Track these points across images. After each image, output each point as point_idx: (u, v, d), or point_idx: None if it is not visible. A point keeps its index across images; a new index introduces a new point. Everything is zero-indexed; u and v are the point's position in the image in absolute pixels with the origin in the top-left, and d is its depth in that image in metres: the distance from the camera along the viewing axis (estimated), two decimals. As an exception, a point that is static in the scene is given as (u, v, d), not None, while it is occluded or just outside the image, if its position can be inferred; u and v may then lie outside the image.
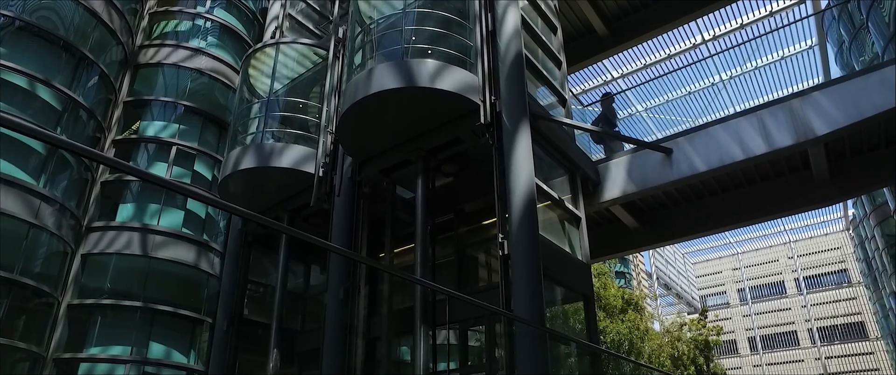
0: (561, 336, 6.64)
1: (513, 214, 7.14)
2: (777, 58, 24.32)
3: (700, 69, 23.56)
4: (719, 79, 25.46)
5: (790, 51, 23.50)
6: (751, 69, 24.40)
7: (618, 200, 9.59)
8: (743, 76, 24.12)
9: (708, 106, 24.48)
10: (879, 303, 38.13)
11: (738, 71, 24.94)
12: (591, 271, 8.39)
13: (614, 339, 14.35)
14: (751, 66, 24.38)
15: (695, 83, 24.61)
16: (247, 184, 10.58)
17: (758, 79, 23.90)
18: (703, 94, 24.54)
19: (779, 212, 10.39)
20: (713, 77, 25.98)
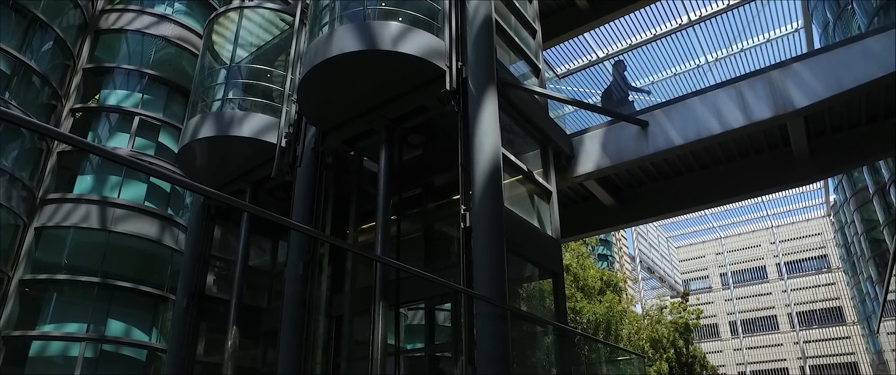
0: (523, 315, 6.33)
1: (476, 185, 6.77)
2: (763, 40, 24.06)
3: (686, 50, 23.23)
4: (705, 60, 25.18)
5: (776, 33, 23.23)
6: (736, 51, 24.13)
7: (592, 175, 9.25)
8: (728, 58, 23.85)
9: (693, 87, 24.23)
10: (857, 288, 38.54)
11: (724, 53, 24.65)
12: (561, 248, 8.07)
13: (591, 320, 14.14)
14: (736, 49, 24.10)
15: (680, 64, 24.30)
16: (208, 155, 10.10)
17: (743, 60, 23.64)
18: (689, 76, 24.25)
19: (758, 190, 10.12)
20: (699, 58, 25.68)
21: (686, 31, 22.27)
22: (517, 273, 8.11)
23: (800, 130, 8.94)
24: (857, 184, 27.73)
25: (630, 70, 24.41)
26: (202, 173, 10.77)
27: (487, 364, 5.89)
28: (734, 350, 60.47)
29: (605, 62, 22.94)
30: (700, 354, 30.23)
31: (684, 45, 22.55)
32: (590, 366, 9.13)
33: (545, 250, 7.84)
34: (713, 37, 23.71)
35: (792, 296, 59.10)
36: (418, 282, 8.33)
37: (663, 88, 24.74)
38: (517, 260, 7.83)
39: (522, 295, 9.36)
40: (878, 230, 26.22)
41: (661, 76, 24.76)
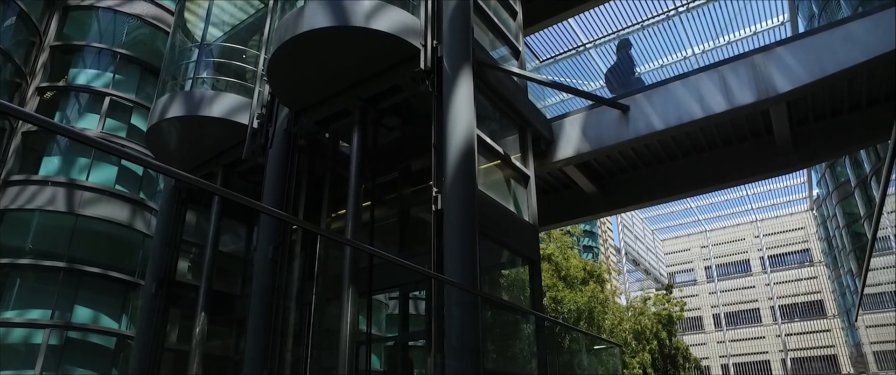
0: (494, 301, 6.12)
1: (448, 166, 6.54)
2: (749, 33, 24.04)
3: (672, 42, 23.10)
4: (692, 52, 25.12)
5: (763, 26, 23.20)
6: (723, 44, 24.08)
7: (571, 160, 9.05)
8: (715, 50, 23.79)
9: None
10: (837, 282, 38.93)
11: (711, 45, 24.60)
12: (538, 234, 7.87)
13: (571, 309, 14.00)
14: (723, 41, 24.05)
15: (666, 56, 24.19)
16: (178, 136, 9.77)
17: (730, 53, 23.58)
18: (676, 68, 24.14)
19: (741, 179, 9.99)
20: (685, 50, 25.62)
21: (672, 22, 22.14)
22: (492, 259, 7.92)
23: (782, 117, 8.81)
24: (839, 179, 27.88)
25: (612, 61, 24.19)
26: (174, 155, 10.45)
27: (456, 352, 5.69)
28: (718, 342, 61.07)
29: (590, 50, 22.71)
30: (683, 346, 30.36)
31: (670, 36, 22.40)
32: (569, 356, 8.98)
33: (521, 236, 7.63)
34: (699, 28, 23.60)
35: (775, 290, 59.71)
36: (392, 269, 8.11)
37: (649, 80, 24.56)
38: (492, 246, 7.63)
39: (503, 283, 9.17)
40: (859, 223, 26.40)
41: (647, 68, 24.65)
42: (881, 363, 34.63)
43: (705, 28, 22.00)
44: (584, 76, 20.45)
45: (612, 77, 11.71)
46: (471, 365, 5.64)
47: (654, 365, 26.41)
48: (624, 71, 11.58)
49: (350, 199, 7.61)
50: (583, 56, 24.29)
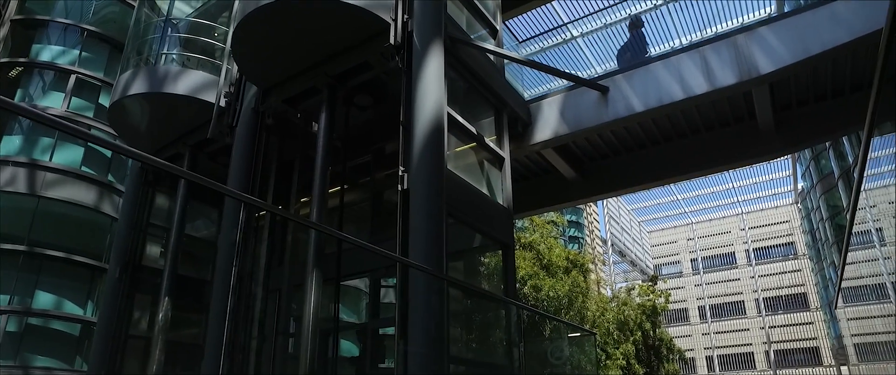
0: (460, 285, 5.87)
1: (415, 143, 6.25)
2: (738, 24, 23.91)
3: (659, 33, 22.87)
4: (680, 43, 24.95)
5: (750, 18, 23.05)
6: (711, 36, 23.95)
7: (549, 143, 8.79)
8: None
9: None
10: (821, 275, 39.18)
11: (698, 36, 24.44)
12: (512, 218, 7.61)
13: (550, 295, 13.82)
14: (711, 32, 23.90)
15: (654, 47, 23.98)
16: (142, 114, 9.39)
17: (718, 43, 23.40)
18: (663, 57, 23.90)
19: (723, 164, 9.80)
20: (672, 42, 25.46)
21: (660, 12, 21.90)
22: (464, 243, 7.65)
23: (765, 102, 8.60)
24: (824, 171, 27.90)
25: (601, 51, 23.86)
26: (140, 135, 10.07)
27: (419, 338, 5.42)
28: (703, 334, 61.51)
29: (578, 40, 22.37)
30: (667, 337, 30.39)
31: (658, 27, 22.13)
32: (545, 343, 8.77)
33: (494, 219, 7.37)
34: (687, 20, 23.36)
35: (759, 282, 60.15)
36: (363, 255, 7.83)
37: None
38: (464, 229, 7.37)
39: (484, 271, 8.91)
40: (843, 215, 26.47)
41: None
42: (861, 355, 34.93)
43: (692, 19, 21.73)
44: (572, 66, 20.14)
45: (624, 57, 11.31)
46: (434, 352, 5.39)
47: (637, 356, 26.41)
48: (637, 50, 11.21)
49: (316, 181, 7.30)
50: (570, 44, 23.93)
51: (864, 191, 30.45)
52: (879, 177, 28.16)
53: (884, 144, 23.16)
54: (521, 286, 13.70)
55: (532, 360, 8.42)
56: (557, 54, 20.55)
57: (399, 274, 5.85)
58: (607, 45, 15.47)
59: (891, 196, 28.91)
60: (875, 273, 31.76)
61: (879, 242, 31.41)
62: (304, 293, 6.70)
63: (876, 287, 31.78)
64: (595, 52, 20.43)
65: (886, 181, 29.28)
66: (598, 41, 18.96)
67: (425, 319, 5.52)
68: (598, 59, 13.80)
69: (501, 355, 6.99)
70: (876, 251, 31.17)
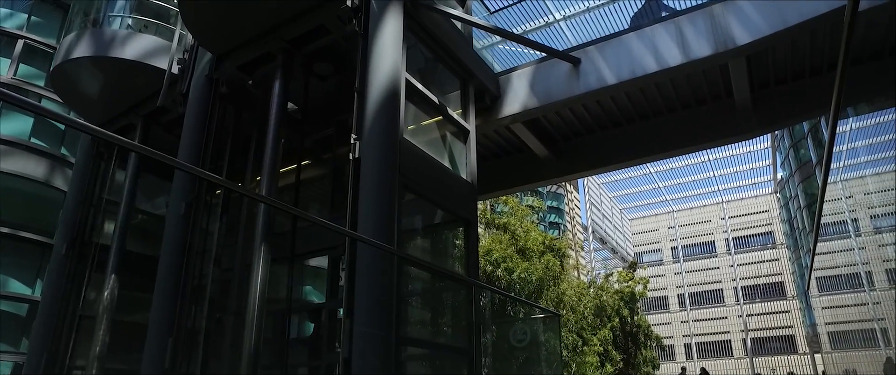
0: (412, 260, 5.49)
1: (368, 109, 5.85)
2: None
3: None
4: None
5: None
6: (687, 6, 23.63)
7: (518, 116, 8.41)
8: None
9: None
10: (797, 263, 39.54)
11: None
12: (476, 193, 7.24)
13: (523, 278, 13.56)
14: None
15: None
16: (89, 80, 8.83)
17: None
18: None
19: (699, 143, 9.51)
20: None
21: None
22: (426, 219, 7.28)
23: (743, 78, 8.30)
24: (802, 160, 27.95)
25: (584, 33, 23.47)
26: (93, 103, 9.52)
27: (366, 317, 5.06)
28: (681, 322, 62.14)
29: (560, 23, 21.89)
30: (645, 324, 30.43)
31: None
32: (510, 325, 8.47)
33: (457, 194, 7.00)
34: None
35: (738, 271, 60.78)
36: (322, 232, 7.44)
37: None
38: (425, 205, 7.00)
39: (457, 253, 8.53)
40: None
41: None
42: (834, 343, 35.39)
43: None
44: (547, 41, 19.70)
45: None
46: (383, 332, 5.02)
47: (615, 343, 26.39)
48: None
49: (267, 153, 6.87)
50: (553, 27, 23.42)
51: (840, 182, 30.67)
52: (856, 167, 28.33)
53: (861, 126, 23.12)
54: (495, 268, 13.42)
55: (497, 342, 8.11)
56: (536, 37, 20.08)
57: (348, 249, 5.46)
58: (593, 28, 15.01)
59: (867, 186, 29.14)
60: (850, 262, 32.09)
61: (854, 232, 31.72)
62: (251, 271, 6.30)
63: (850, 276, 32.12)
64: (576, 33, 19.94)
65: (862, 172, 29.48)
66: (581, 24, 18.43)
67: (373, 296, 5.15)
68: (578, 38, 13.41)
69: (460, 336, 6.66)
70: (851, 241, 31.48)
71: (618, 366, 25.78)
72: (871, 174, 27.21)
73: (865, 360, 31.90)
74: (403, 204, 7.59)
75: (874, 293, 30.44)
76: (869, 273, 30.65)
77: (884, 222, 28.82)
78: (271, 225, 6.48)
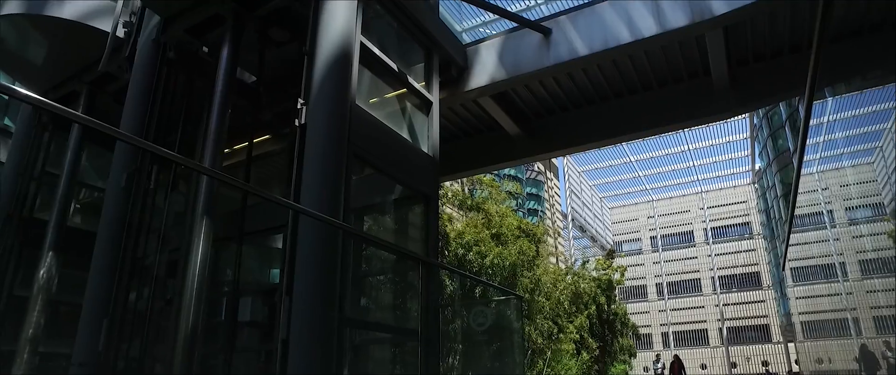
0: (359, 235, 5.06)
1: (316, 71, 5.38)
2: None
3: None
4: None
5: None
6: None
7: (486, 89, 7.99)
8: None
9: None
10: (773, 253, 39.89)
11: None
12: (437, 167, 6.82)
13: (495, 262, 13.24)
14: None
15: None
16: (27, 42, 8.20)
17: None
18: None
19: (675, 123, 9.19)
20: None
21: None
22: (383, 194, 6.86)
23: (720, 55, 7.97)
24: (780, 149, 27.98)
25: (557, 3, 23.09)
26: (36, 69, 8.89)
27: (306, 296, 4.63)
28: (659, 311, 62.75)
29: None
30: (622, 311, 30.41)
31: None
32: (470, 308, 8.11)
33: (416, 168, 6.57)
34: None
35: (715, 261, 61.42)
36: (277, 210, 6.97)
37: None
38: (381, 179, 6.57)
39: (401, 226, 8.08)
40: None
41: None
42: (807, 332, 35.84)
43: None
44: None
45: None
46: (323, 312, 4.60)
47: (591, 330, 26.28)
48: None
49: (212, 123, 6.36)
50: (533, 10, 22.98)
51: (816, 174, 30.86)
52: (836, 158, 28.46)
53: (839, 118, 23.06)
54: (466, 251, 13.07)
55: (457, 325, 7.75)
56: (507, 6, 19.55)
57: (290, 222, 5.02)
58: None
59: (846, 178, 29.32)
60: (825, 252, 32.41)
61: (830, 223, 32.01)
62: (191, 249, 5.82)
63: (824, 267, 32.46)
64: (550, 4, 19.42)
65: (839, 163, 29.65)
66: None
67: (315, 274, 4.73)
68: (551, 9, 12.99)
69: (417, 319, 6.26)
70: (826, 232, 31.75)
71: (594, 354, 25.71)
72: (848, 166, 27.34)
73: (837, 349, 32.35)
74: (362, 178, 7.17)
75: (847, 283, 30.81)
76: (843, 263, 30.98)
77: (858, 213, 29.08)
78: (214, 199, 5.99)
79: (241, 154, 7.72)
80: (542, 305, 17.97)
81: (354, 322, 5.74)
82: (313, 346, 4.42)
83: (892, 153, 24.31)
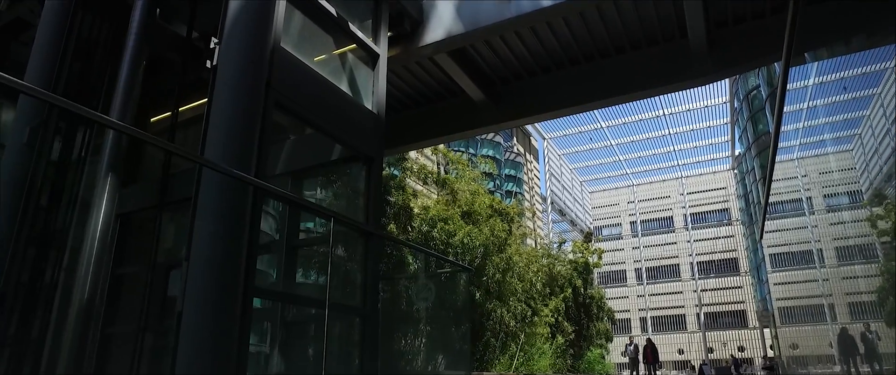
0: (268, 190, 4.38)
1: (231, 4, 4.64)
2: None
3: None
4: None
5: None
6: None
7: (442, 45, 7.28)
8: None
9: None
10: (751, 239, 39.91)
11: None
12: (382, 126, 6.12)
13: (464, 243, 12.63)
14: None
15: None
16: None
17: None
18: None
19: (649, 88, 8.58)
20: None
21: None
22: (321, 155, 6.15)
23: (698, 16, 7.35)
24: (759, 133, 27.70)
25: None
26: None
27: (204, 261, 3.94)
28: (638, 296, 63.04)
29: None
30: (598, 295, 30.09)
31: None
32: (414, 281, 7.49)
33: (357, 126, 5.86)
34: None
35: (694, 247, 61.74)
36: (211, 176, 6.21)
37: None
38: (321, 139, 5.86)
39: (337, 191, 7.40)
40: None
41: None
42: (783, 318, 35.96)
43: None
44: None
45: None
46: (224, 281, 3.92)
47: (567, 314, 25.89)
48: None
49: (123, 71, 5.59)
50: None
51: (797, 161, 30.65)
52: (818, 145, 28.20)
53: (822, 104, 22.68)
54: (431, 228, 12.44)
55: (396, 300, 7.12)
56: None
57: (196, 177, 4.30)
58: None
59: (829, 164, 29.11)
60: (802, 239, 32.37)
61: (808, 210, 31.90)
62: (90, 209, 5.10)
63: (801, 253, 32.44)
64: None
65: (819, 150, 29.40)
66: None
67: (217, 236, 4.03)
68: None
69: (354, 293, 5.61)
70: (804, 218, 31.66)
71: (569, 338, 25.36)
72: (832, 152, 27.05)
73: (812, 334, 32.49)
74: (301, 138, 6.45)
75: (824, 270, 30.78)
76: (820, 250, 30.92)
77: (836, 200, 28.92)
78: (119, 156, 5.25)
79: (175, 115, 6.96)
80: (515, 286, 17.41)
81: (269, 294, 5.07)
82: (207, 318, 3.74)
83: (880, 122, 23.96)
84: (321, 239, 5.89)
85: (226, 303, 3.89)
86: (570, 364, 25.89)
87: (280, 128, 6.27)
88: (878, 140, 5.16)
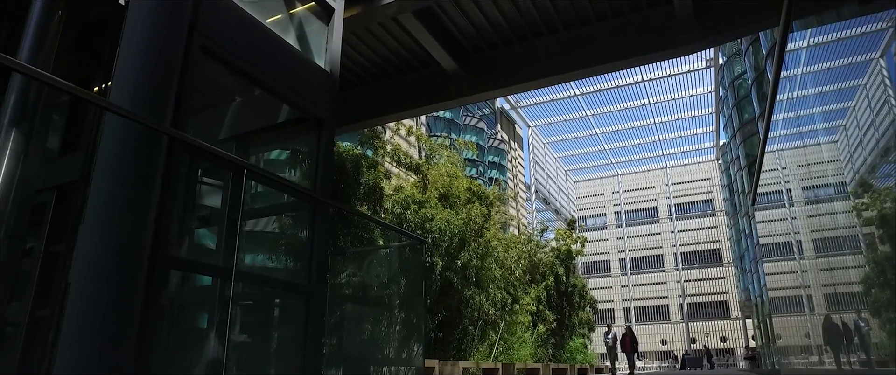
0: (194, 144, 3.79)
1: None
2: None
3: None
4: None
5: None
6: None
7: (406, 4, 6.67)
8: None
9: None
10: (735, 229, 39.85)
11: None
12: (335, 86, 5.52)
13: (441, 227, 12.08)
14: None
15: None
16: None
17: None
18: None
19: (631, 57, 8.05)
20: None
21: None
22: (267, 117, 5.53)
23: (685, -25, 6.81)
24: (744, 116, 27.45)
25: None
26: None
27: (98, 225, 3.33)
28: (622, 286, 63.12)
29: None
30: (581, 284, 29.74)
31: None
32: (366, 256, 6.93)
33: (306, 84, 5.26)
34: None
35: (678, 237, 61.87)
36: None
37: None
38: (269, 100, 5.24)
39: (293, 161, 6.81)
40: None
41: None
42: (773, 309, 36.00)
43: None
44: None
45: None
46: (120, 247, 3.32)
47: (549, 302, 25.49)
48: None
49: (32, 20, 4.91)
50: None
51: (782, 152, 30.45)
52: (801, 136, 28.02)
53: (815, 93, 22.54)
54: (403, 210, 11.88)
55: (351, 275, 6.58)
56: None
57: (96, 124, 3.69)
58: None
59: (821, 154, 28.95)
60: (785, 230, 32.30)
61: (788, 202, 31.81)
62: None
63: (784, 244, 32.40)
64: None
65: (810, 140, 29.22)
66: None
67: (116, 195, 3.42)
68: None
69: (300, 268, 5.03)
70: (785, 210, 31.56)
71: (551, 327, 24.99)
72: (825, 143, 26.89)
73: (792, 324, 32.55)
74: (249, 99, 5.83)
75: (803, 261, 30.76)
76: (799, 242, 30.87)
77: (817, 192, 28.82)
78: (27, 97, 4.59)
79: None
80: (493, 274, 16.88)
81: (187, 264, 4.48)
82: (97, 290, 3.15)
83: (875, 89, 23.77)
84: (266, 210, 5.30)
85: (127, 273, 3.30)
86: (552, 354, 25.54)
87: (224, 89, 5.66)
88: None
